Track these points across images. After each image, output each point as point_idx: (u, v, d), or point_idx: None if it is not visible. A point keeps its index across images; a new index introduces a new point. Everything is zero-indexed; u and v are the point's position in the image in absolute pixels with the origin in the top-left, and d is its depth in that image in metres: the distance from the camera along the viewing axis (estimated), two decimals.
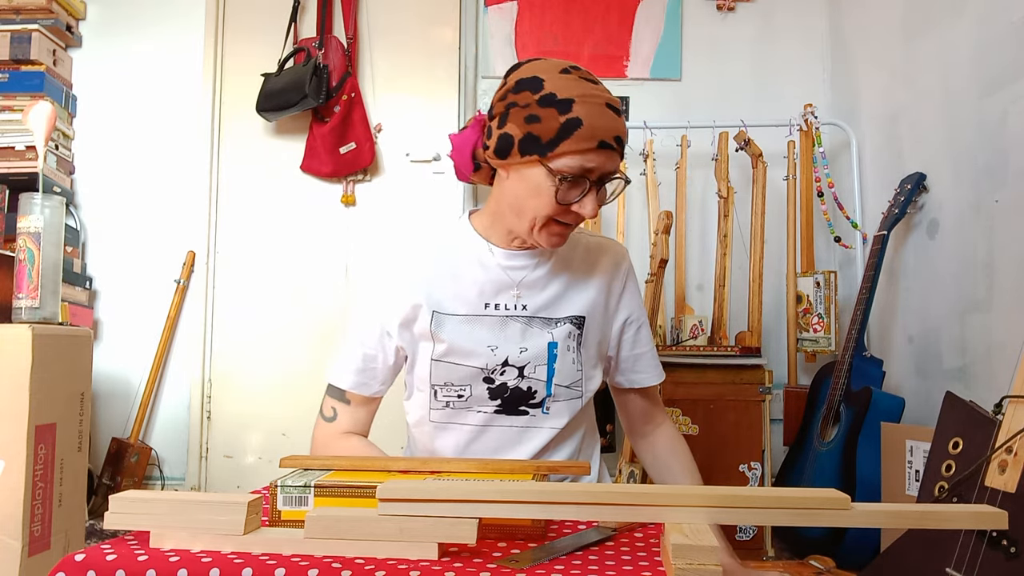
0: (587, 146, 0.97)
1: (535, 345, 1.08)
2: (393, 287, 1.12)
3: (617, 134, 0.99)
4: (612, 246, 1.20)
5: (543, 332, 1.09)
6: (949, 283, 1.97)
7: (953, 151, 1.97)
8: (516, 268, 1.11)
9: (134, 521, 0.69)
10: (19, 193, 1.59)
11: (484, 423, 1.10)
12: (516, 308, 1.10)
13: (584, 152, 0.97)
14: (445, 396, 1.10)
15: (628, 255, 1.20)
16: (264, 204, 2.73)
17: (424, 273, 1.11)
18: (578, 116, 0.96)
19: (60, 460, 1.49)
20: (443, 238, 1.16)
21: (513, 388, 1.08)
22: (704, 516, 0.65)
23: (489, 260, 1.11)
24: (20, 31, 2.51)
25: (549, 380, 1.09)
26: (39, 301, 1.48)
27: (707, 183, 2.60)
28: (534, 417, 1.10)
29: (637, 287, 1.20)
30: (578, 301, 1.12)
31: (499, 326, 1.09)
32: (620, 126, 1.00)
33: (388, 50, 2.75)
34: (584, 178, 0.98)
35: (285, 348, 2.67)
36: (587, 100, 0.98)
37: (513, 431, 1.10)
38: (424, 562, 0.65)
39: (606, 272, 1.15)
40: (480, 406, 1.09)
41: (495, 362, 1.07)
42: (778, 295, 2.54)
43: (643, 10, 2.75)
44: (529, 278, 1.11)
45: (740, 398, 2.15)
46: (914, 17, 2.19)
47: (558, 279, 1.12)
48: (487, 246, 1.12)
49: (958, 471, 1.19)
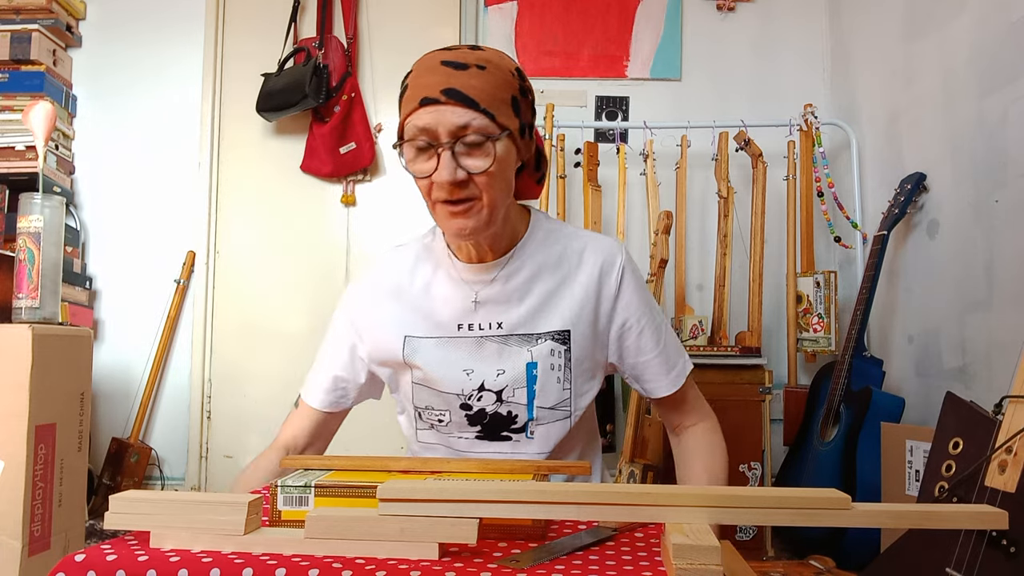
0: (411, 107, 0.91)
1: (513, 366, 0.99)
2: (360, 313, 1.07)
3: (446, 87, 0.89)
4: (601, 245, 1.06)
5: (521, 351, 1.00)
6: (949, 283, 1.97)
7: (953, 151, 1.97)
8: (478, 282, 1.01)
9: (134, 521, 0.69)
10: (19, 193, 1.58)
11: (466, 449, 1.04)
12: (491, 327, 1.00)
13: (411, 114, 0.91)
14: (428, 418, 1.05)
15: (622, 252, 1.06)
16: (264, 204, 2.73)
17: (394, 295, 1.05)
18: (406, 84, 0.93)
19: (60, 460, 1.49)
20: (414, 255, 1.08)
21: (492, 414, 1.01)
22: (704, 516, 0.65)
23: (453, 274, 1.03)
24: (20, 31, 2.51)
25: (530, 403, 1.00)
26: (39, 301, 1.47)
27: (707, 183, 2.60)
28: (518, 443, 1.02)
29: (637, 287, 1.06)
30: (560, 313, 1.01)
31: (475, 348, 1.01)
32: (454, 80, 0.89)
33: (388, 50, 2.75)
34: (429, 144, 0.90)
35: (285, 348, 2.67)
36: (420, 66, 0.93)
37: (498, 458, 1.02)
38: (424, 562, 0.65)
39: (593, 276, 1.03)
40: (461, 432, 1.03)
41: (471, 387, 1.00)
42: (778, 295, 2.54)
43: (643, 10, 2.75)
44: (498, 292, 1.01)
45: (740, 398, 2.15)
46: (914, 17, 2.19)
47: (535, 291, 1.01)
48: (451, 261, 1.03)
49: (958, 471, 1.19)
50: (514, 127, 0.94)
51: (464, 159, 0.90)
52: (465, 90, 0.89)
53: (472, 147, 0.90)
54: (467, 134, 0.89)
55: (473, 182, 0.91)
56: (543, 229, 1.07)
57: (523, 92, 0.97)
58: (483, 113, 0.90)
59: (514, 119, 0.95)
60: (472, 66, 0.91)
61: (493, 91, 0.91)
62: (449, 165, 0.89)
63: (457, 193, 0.91)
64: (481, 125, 0.90)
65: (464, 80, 0.90)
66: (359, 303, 1.09)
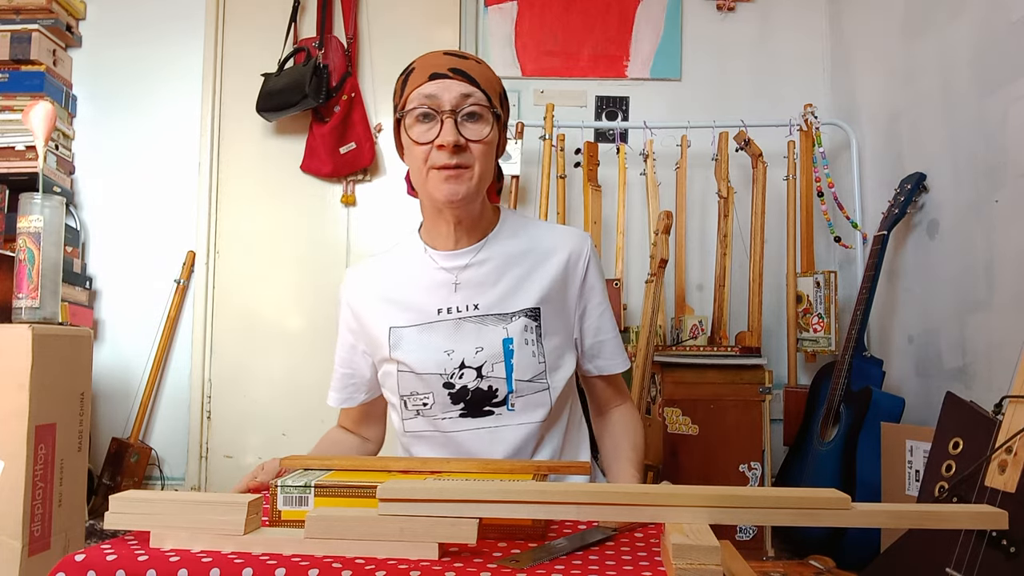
0: (420, 80, 1.03)
1: (490, 343, 1.07)
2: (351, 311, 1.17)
3: (453, 66, 1.03)
4: (569, 235, 1.17)
5: (497, 328, 1.08)
6: (949, 283, 1.97)
7: (953, 151, 1.97)
8: (456, 267, 1.11)
9: (134, 521, 0.69)
10: (19, 193, 1.59)
11: (452, 428, 1.09)
12: (468, 309, 1.09)
13: (419, 86, 1.03)
14: (414, 405, 1.11)
15: (589, 242, 1.17)
16: (264, 204, 2.73)
17: (377, 293, 1.15)
18: (412, 67, 1.06)
19: (60, 460, 1.49)
20: (394, 253, 1.20)
21: (474, 390, 1.07)
22: (704, 516, 0.65)
23: (431, 265, 1.13)
24: (20, 31, 2.51)
25: (509, 376, 1.07)
26: (39, 301, 1.48)
27: (707, 183, 2.60)
28: (500, 416, 1.08)
29: (599, 275, 1.17)
30: (531, 293, 1.10)
31: (453, 329, 1.09)
32: (458, 63, 1.04)
33: (388, 50, 2.75)
34: (433, 112, 1.02)
35: (285, 348, 2.67)
36: (424, 56, 1.07)
37: (483, 433, 1.08)
38: (424, 562, 0.65)
39: (562, 261, 1.13)
40: (445, 412, 1.09)
41: (452, 366, 1.07)
42: (778, 295, 2.54)
43: (643, 10, 2.75)
44: (473, 276, 1.10)
45: (740, 398, 2.15)
46: (914, 17, 2.19)
47: (509, 275, 1.11)
48: (426, 251, 1.14)
49: (958, 471, 1.19)
50: (502, 117, 1.08)
51: (464, 127, 1.03)
52: (468, 70, 1.04)
53: (471, 118, 1.03)
54: (468, 104, 1.02)
55: (469, 150, 1.03)
56: (512, 222, 1.18)
57: (505, 96, 1.12)
58: (483, 92, 1.04)
59: (501, 110, 1.08)
60: (471, 59, 1.07)
61: (489, 80, 1.07)
62: (452, 129, 1.01)
63: (455, 157, 1.02)
64: (481, 99, 1.03)
65: (468, 64, 1.05)
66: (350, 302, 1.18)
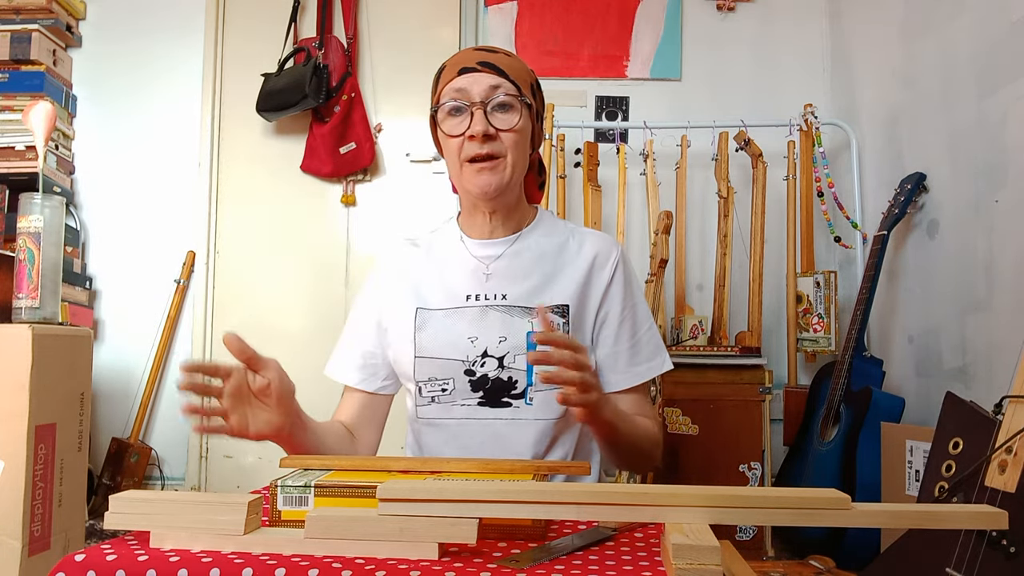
0: (450, 76, 1.07)
1: (514, 334, 1.08)
2: (382, 286, 1.17)
3: (482, 59, 1.06)
4: (602, 239, 1.16)
5: (522, 321, 1.08)
6: (949, 283, 1.97)
7: (953, 151, 1.97)
8: (488, 256, 1.13)
9: (134, 521, 0.69)
10: (19, 193, 1.58)
11: (467, 416, 1.09)
12: (495, 298, 1.10)
13: (450, 81, 1.07)
14: (430, 391, 1.10)
15: (620, 249, 1.15)
16: (264, 204, 2.73)
17: (411, 274, 1.16)
18: (443, 67, 1.10)
19: (60, 460, 1.49)
20: (431, 238, 1.21)
21: (494, 379, 1.07)
22: (704, 516, 0.65)
23: (464, 252, 1.14)
24: (20, 31, 2.51)
25: (529, 369, 1.07)
26: (39, 301, 1.48)
27: (707, 183, 2.60)
28: (518, 409, 1.07)
29: (626, 284, 1.13)
30: (561, 290, 1.10)
31: (479, 317, 1.09)
32: (487, 57, 1.07)
33: (388, 50, 2.75)
34: (463, 105, 1.05)
35: (285, 348, 2.66)
36: (455, 55, 1.11)
37: (499, 425, 1.07)
38: (424, 562, 0.65)
39: (588, 262, 1.12)
40: (463, 399, 1.09)
41: (475, 353, 1.08)
42: (778, 295, 2.54)
43: (643, 10, 2.75)
44: (505, 267, 1.11)
45: (740, 398, 2.15)
46: (914, 17, 2.19)
47: (540, 270, 1.11)
48: (461, 238, 1.16)
49: (958, 471, 1.19)
50: (534, 106, 1.10)
51: (494, 117, 1.05)
52: (497, 63, 1.07)
53: (501, 109, 1.06)
54: (497, 95, 1.05)
55: (500, 139, 1.06)
56: (548, 221, 1.19)
57: (538, 86, 1.14)
58: (512, 83, 1.07)
59: (533, 100, 1.10)
60: (501, 52, 1.10)
61: (519, 71, 1.09)
62: (482, 120, 1.04)
63: (487, 146, 1.04)
64: (509, 89, 1.06)
65: (496, 57, 1.08)
66: (380, 283, 1.18)
